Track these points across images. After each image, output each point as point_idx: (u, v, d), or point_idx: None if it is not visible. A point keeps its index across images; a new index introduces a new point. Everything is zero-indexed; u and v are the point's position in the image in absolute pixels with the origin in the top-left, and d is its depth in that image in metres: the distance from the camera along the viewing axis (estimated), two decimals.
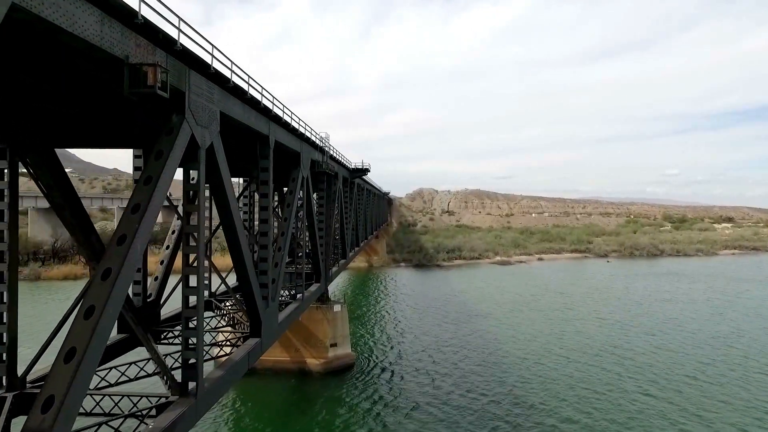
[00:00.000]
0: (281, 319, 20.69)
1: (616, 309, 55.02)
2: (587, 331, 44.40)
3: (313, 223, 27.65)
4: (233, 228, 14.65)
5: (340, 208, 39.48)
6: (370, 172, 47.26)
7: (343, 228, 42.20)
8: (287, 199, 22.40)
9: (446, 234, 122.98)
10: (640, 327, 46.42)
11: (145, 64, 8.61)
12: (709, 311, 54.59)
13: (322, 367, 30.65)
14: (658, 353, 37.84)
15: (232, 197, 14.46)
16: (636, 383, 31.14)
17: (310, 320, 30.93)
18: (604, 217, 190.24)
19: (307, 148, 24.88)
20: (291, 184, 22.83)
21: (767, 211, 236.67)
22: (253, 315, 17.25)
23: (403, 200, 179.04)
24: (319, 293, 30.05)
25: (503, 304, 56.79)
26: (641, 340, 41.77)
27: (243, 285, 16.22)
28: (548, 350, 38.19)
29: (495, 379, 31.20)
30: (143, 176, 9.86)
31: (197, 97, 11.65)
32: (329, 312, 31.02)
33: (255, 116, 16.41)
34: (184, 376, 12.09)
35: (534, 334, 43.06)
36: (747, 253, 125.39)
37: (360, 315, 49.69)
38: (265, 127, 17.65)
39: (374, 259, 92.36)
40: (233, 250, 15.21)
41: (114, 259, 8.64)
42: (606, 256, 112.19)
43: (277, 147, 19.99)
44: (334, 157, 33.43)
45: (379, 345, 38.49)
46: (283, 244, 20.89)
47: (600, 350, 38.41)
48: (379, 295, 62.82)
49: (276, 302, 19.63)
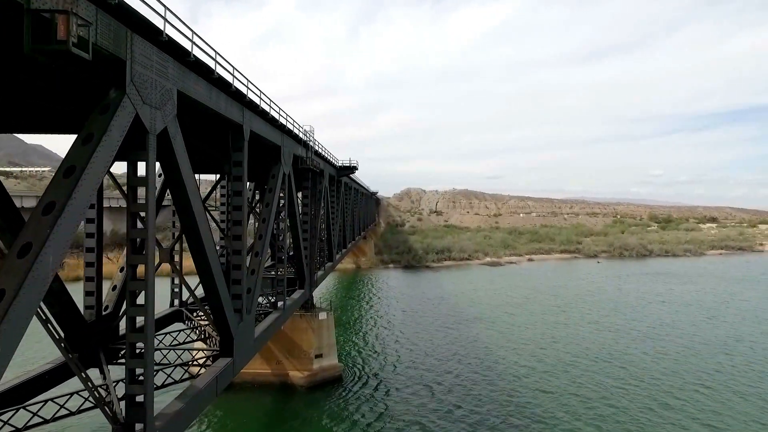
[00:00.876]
0: (258, 334, 18.38)
1: (610, 312, 53.51)
2: (583, 337, 42.70)
3: (296, 225, 25.32)
4: (196, 231, 12.34)
5: (326, 208, 37.21)
6: (358, 170, 45.04)
7: (330, 229, 39.93)
8: (266, 198, 20.09)
9: (435, 234, 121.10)
10: (636, 332, 44.87)
11: (53, 11, 6.29)
12: (705, 314, 53.35)
13: (306, 381, 28.29)
14: (658, 361, 36.21)
15: (195, 195, 12.15)
16: (638, 393, 29.38)
17: (294, 329, 28.58)
18: (591, 217, 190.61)
19: (289, 142, 22.58)
20: (271, 181, 20.52)
21: (748, 211, 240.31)
22: (223, 331, 14.94)
23: (391, 200, 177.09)
24: (302, 300, 27.74)
25: (496, 308, 54.96)
26: (639, 345, 40.16)
27: (211, 297, 13.91)
28: (544, 358, 36.34)
29: (493, 391, 29.19)
30: (63, 166, 7.54)
31: (144, 69, 9.33)
32: (314, 320, 28.69)
33: (226, 101, 14.10)
34: (128, 416, 9.77)
35: (529, 341, 41.21)
36: (733, 254, 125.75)
37: (347, 321, 47.40)
38: (239, 114, 15.34)
39: (362, 261, 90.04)
40: (197, 258, 12.89)
41: (10, 277, 6.33)
42: (596, 257, 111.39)
43: (253, 139, 17.69)
44: (319, 153, 31.14)
45: (368, 354, 36.23)
46: (261, 248, 18.60)
47: (597, 357, 36.65)
48: (367, 298, 60.55)
49: (252, 314, 17.32)
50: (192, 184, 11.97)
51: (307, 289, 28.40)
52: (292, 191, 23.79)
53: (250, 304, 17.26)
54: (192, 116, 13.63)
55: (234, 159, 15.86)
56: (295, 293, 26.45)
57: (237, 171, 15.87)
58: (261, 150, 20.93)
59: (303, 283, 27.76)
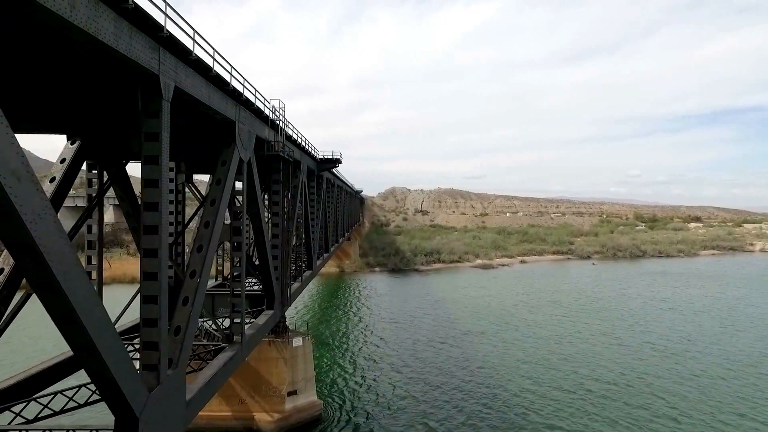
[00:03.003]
0: (196, 392, 12.52)
1: (620, 323, 48.58)
2: (598, 355, 37.55)
3: (261, 228, 19.46)
4: (36, 254, 6.52)
5: (304, 206, 31.37)
6: (342, 164, 39.26)
7: (309, 231, 34.08)
8: (212, 193, 14.23)
9: (422, 235, 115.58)
10: (655, 346, 39.94)
11: None
12: (719, 323, 48.82)
13: (276, 425, 22.37)
14: (683, 381, 31.28)
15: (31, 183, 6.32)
16: (666, 422, 24.31)
17: (261, 360, 22.67)
18: (578, 216, 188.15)
19: (248, 118, 16.75)
20: (220, 170, 14.68)
21: (729, 210, 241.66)
22: (119, 406, 9.07)
23: (376, 199, 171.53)
24: (272, 324, 21.87)
25: (493, 319, 49.62)
26: (666, 365, 35.14)
27: (88, 361, 8.10)
28: (561, 383, 31.09)
29: (504, 428, 23.77)
30: None
31: None
32: (287, 348, 22.81)
33: (117, 24, 8.26)
34: None
35: (537, 360, 35.95)
36: (726, 254, 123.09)
37: (330, 338, 41.46)
38: (151, 56, 9.49)
39: (346, 264, 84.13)
40: (44, 295, 7.06)
41: None
42: (589, 258, 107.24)
43: (185, 104, 11.91)
44: (293, 139, 25.30)
45: (355, 384, 30.30)
46: (201, 266, 12.74)
47: (624, 382, 31.52)
48: (354, 309, 54.51)
49: (180, 369, 11.47)
50: None
51: (278, 310, 22.57)
52: (254, 184, 17.96)
53: (178, 350, 11.43)
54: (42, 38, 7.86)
55: (145, 129, 10.00)
56: (260, 317, 20.60)
57: (149, 149, 10.01)
58: (204, 125, 15.08)
59: (272, 301, 21.91)
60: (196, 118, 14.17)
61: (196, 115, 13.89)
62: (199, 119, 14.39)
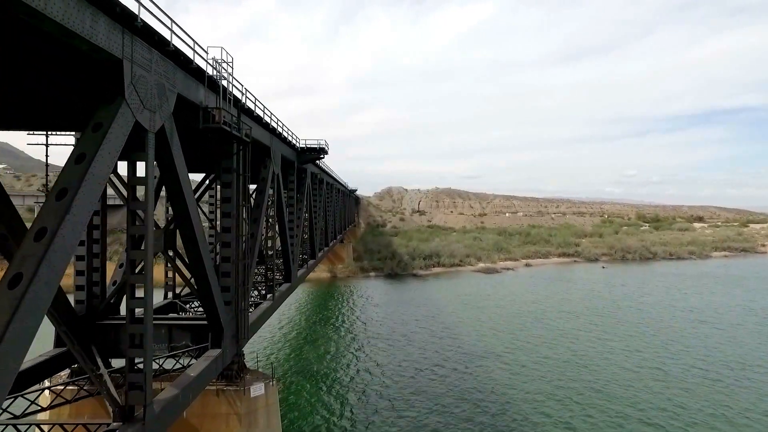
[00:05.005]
0: None
1: (650, 339, 42.32)
2: (628, 383, 31.35)
3: (193, 236, 13.13)
4: None
5: (277, 205, 25.12)
6: (328, 154, 32.98)
7: (287, 237, 27.84)
8: (64, 177, 7.95)
9: (420, 236, 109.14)
10: (695, 372, 33.64)
11: None
12: (760, 339, 42.87)
13: None
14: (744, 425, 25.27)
15: None
16: None
17: (205, 417, 16.33)
18: (579, 216, 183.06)
19: (156, 61, 10.46)
20: (89, 137, 8.44)
21: (731, 210, 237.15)
22: None
23: (371, 199, 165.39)
24: (215, 372, 15.49)
25: (505, 335, 43.25)
26: (708, 398, 29.05)
27: None
28: (597, 421, 24.98)
29: None
30: None
31: None
32: (241, 400, 16.48)
33: None
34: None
35: (557, 386, 29.87)
36: (738, 255, 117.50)
37: (313, 367, 34.59)
38: None
39: (339, 268, 77.71)
40: None
41: None
42: (597, 260, 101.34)
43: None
44: (255, 114, 18.96)
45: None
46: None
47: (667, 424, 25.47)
48: (344, 324, 47.74)
49: None
50: None
51: (229, 347, 16.27)
52: (174, 167, 11.72)
53: None
54: None
55: None
56: (197, 363, 14.30)
57: None
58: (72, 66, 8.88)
59: (219, 336, 15.62)
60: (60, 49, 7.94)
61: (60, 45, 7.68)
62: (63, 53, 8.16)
